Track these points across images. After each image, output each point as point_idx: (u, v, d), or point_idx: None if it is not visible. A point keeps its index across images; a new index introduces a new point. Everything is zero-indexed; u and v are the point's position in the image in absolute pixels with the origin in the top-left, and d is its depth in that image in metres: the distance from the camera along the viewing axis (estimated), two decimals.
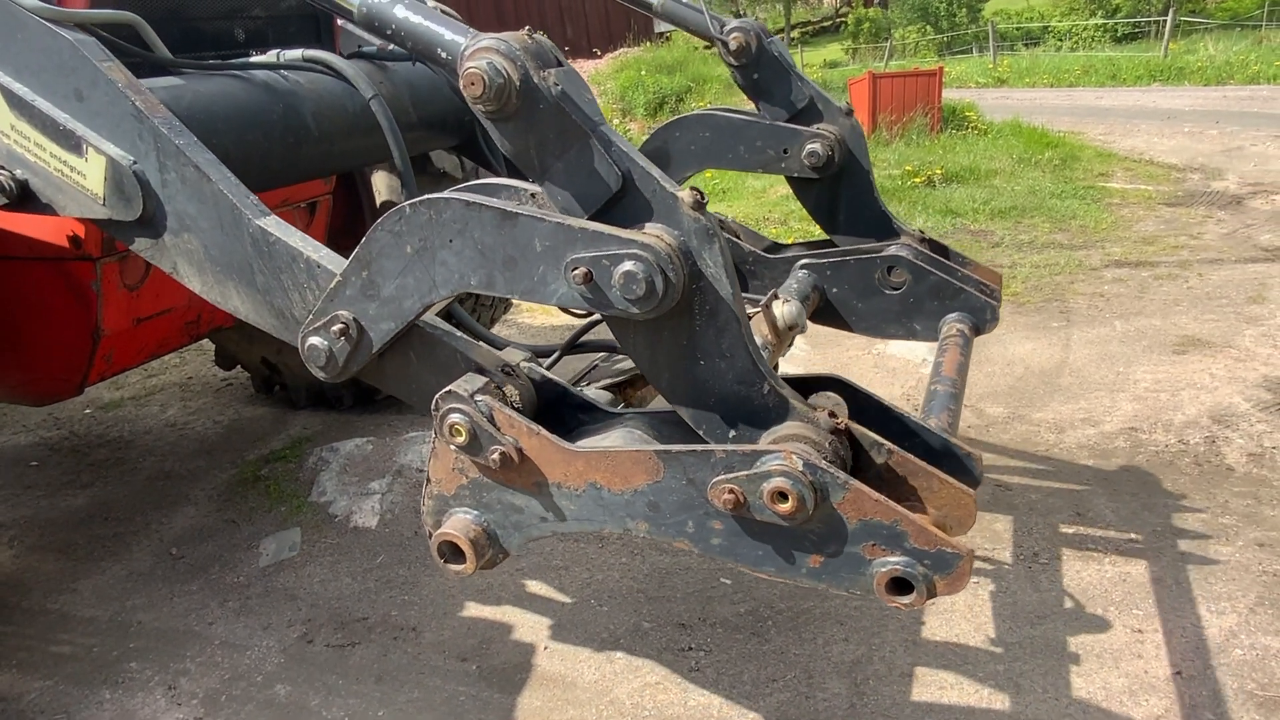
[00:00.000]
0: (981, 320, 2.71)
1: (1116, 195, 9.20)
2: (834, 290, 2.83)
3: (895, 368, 5.12)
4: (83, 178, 1.84)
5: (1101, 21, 29.44)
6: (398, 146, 2.67)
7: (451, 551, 1.66)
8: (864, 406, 1.84)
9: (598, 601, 3.24)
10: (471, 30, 1.50)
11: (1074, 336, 5.43)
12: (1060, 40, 29.48)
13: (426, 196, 1.55)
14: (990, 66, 24.28)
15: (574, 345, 2.63)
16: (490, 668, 2.95)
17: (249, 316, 1.82)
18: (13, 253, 2.84)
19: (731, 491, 1.45)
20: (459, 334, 1.76)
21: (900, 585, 1.44)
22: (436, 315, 1.81)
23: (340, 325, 1.65)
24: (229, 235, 1.76)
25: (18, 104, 1.83)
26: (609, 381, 2.33)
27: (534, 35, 1.48)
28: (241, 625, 3.25)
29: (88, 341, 2.94)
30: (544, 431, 1.56)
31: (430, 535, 1.68)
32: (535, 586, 3.35)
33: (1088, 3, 31.28)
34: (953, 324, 2.70)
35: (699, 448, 1.49)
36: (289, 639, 3.16)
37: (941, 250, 2.95)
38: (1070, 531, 3.48)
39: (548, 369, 1.86)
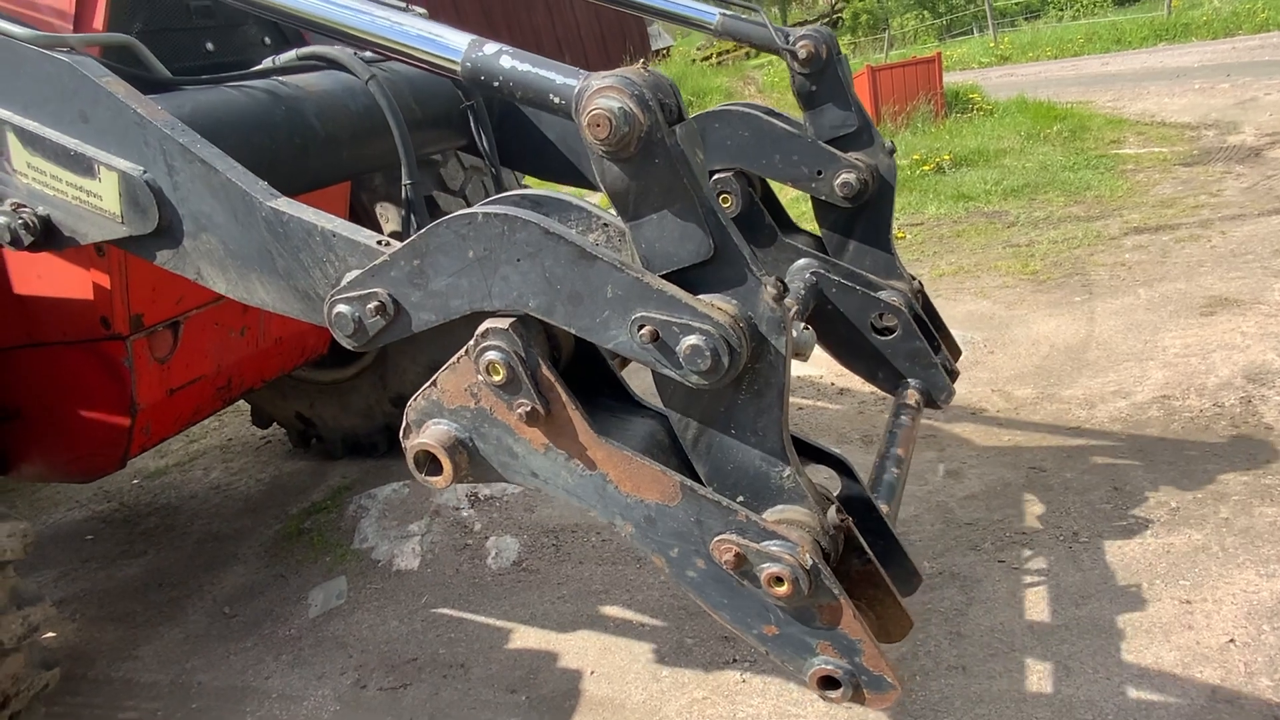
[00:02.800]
0: (935, 397, 2.82)
1: (1130, 161, 9.08)
2: (829, 307, 2.87)
3: None
4: (99, 200, 1.88)
5: None
6: (398, 127, 2.60)
7: (428, 461, 1.65)
8: (853, 494, 2.00)
9: (640, 622, 3.27)
10: (581, 71, 1.48)
11: (1098, 309, 5.37)
12: (1061, 10, 29.16)
13: (502, 209, 1.53)
14: (992, 45, 24.08)
15: None
16: (539, 697, 2.99)
17: (276, 306, 1.83)
18: (48, 339, 2.97)
19: (737, 554, 1.51)
20: None
21: (831, 683, 1.58)
22: None
23: (378, 302, 1.63)
24: (243, 225, 1.77)
25: (30, 140, 1.89)
26: None
27: (651, 70, 1.47)
28: (297, 676, 3.33)
29: (126, 416, 3.06)
30: (580, 409, 1.56)
31: (406, 433, 1.66)
32: (577, 612, 3.39)
33: None
34: (912, 392, 2.81)
35: (724, 501, 1.54)
36: (343, 686, 3.23)
37: (929, 309, 3.04)
38: (1109, 507, 3.44)
39: None
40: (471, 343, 1.56)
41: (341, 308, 1.67)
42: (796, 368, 5.25)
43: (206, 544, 4.49)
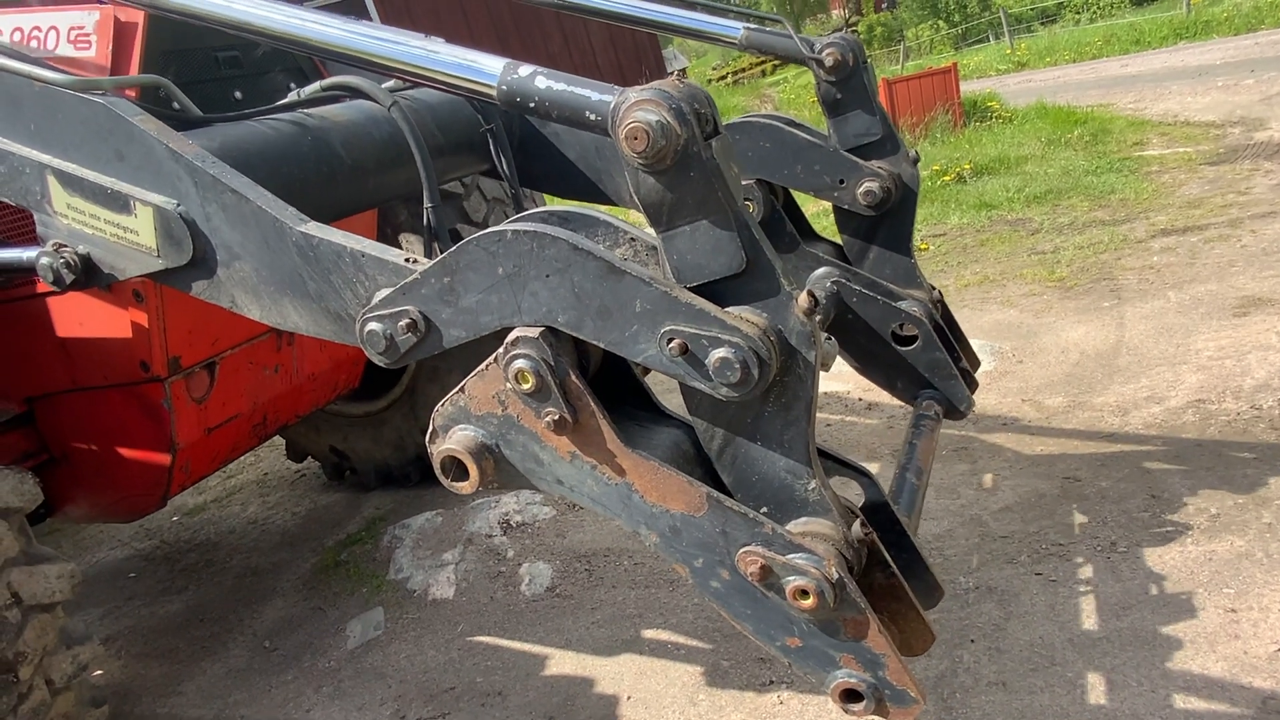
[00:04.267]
0: (954, 410, 2.79)
1: (1155, 162, 8.98)
2: (849, 316, 2.86)
3: None
4: (135, 235, 1.93)
5: None
6: (420, 151, 2.64)
7: (454, 466, 1.65)
8: (875, 506, 1.98)
9: (675, 645, 3.27)
10: (615, 87, 1.50)
11: (1127, 314, 5.31)
12: (1078, 14, 29.01)
13: (530, 226, 1.56)
14: (1009, 52, 24.00)
15: None
16: None
17: (309, 329, 1.86)
18: (89, 383, 3.06)
19: (762, 566, 1.51)
20: None
21: (853, 696, 1.56)
22: None
23: (409, 319, 1.65)
24: (275, 250, 1.81)
25: (69, 182, 1.96)
26: None
27: (686, 82, 1.48)
28: (337, 709, 3.36)
29: (166, 456, 3.13)
30: (608, 419, 1.57)
31: (433, 438, 1.67)
32: (612, 637, 3.40)
33: None
34: (931, 403, 2.77)
35: (750, 513, 1.54)
36: (383, 717, 3.25)
37: (949, 320, 3.01)
38: (1147, 515, 3.39)
39: None
40: (501, 350, 1.57)
41: (373, 325, 1.70)
42: (824, 382, 5.24)
43: (246, 578, 4.56)
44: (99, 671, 3.92)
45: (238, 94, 3.07)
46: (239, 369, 3.31)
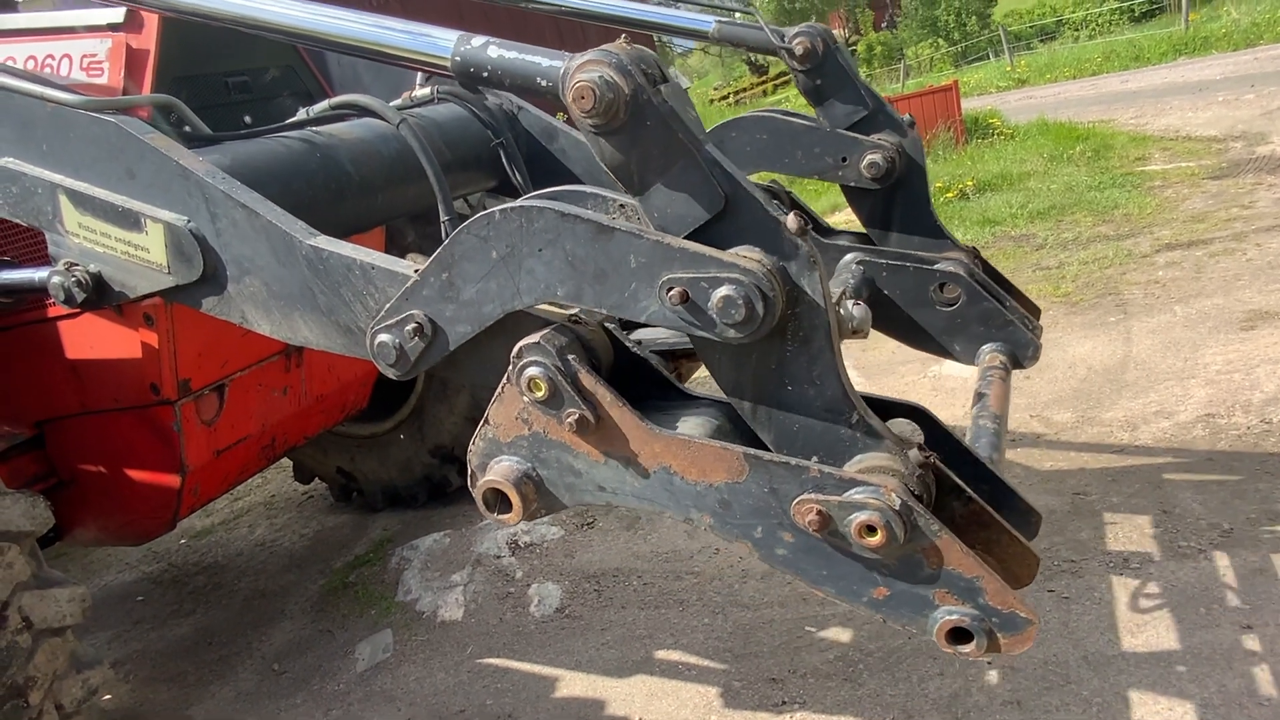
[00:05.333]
0: (1022, 355, 2.65)
1: (1157, 177, 9.01)
2: (885, 292, 2.74)
3: (954, 388, 5.06)
4: (146, 252, 1.93)
5: (1116, 4, 29.12)
6: (432, 166, 2.64)
7: (497, 500, 1.61)
8: (941, 441, 1.81)
9: (686, 666, 3.25)
10: (566, 54, 1.51)
11: (1134, 328, 5.30)
12: (1077, 30, 29.20)
13: (517, 203, 1.55)
14: (1009, 69, 24.14)
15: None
16: None
17: (319, 343, 1.86)
18: (100, 406, 3.07)
19: (820, 512, 1.41)
20: None
21: (961, 635, 1.43)
22: None
23: (415, 324, 1.64)
24: (285, 265, 1.81)
25: (81, 201, 1.96)
26: (663, 347, 2.25)
27: (635, 45, 1.48)
28: None
29: (175, 479, 3.13)
30: (627, 405, 1.52)
31: (473, 479, 1.64)
32: (622, 658, 3.38)
33: None
34: (994, 354, 2.63)
35: (792, 461, 1.46)
36: None
37: (991, 272, 2.89)
38: (1159, 531, 3.37)
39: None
40: (510, 368, 1.56)
41: (383, 337, 1.69)
42: None
43: (254, 601, 4.54)
44: (108, 696, 3.90)
45: (247, 118, 3.11)
46: (248, 391, 3.32)
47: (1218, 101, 12.83)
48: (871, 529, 1.39)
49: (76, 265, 2.05)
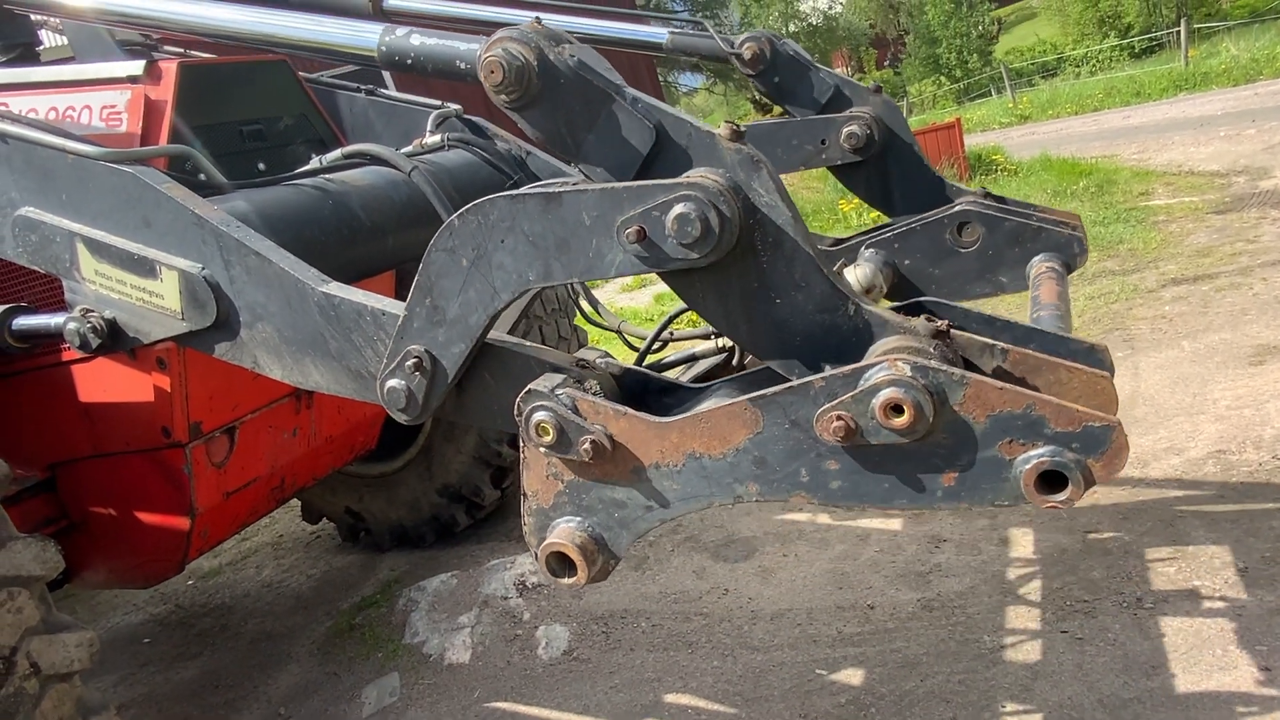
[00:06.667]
0: (1069, 255, 2.48)
1: (1161, 212, 9.04)
2: (906, 262, 2.66)
3: None
4: (160, 299, 1.97)
5: (1116, 42, 29.47)
6: (445, 211, 2.67)
7: (560, 564, 1.58)
8: (965, 322, 1.71)
9: (696, 710, 3.21)
10: (484, 37, 1.54)
11: (1141, 364, 5.29)
12: (1078, 67, 29.53)
13: (469, 206, 1.58)
14: (1011, 105, 24.39)
15: (659, 338, 2.57)
16: None
17: (330, 387, 1.87)
18: (111, 449, 3.09)
19: (840, 418, 1.32)
20: (529, 344, 1.76)
21: (1052, 480, 1.27)
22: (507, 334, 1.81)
23: (413, 360, 1.66)
24: (297, 311, 1.83)
25: (98, 248, 2.00)
26: (698, 371, 2.30)
27: (542, 21, 1.52)
28: None
29: (185, 521, 3.14)
30: (630, 411, 1.50)
31: (536, 553, 1.61)
32: (631, 702, 3.34)
33: (1098, 26, 31.44)
34: (1041, 264, 2.46)
35: (795, 382, 1.39)
36: None
37: (1006, 200, 2.76)
38: (1172, 570, 3.34)
39: (636, 365, 1.81)
40: (521, 428, 1.56)
41: (391, 383, 1.71)
42: None
43: (260, 643, 4.52)
44: None
45: (261, 165, 3.17)
46: (259, 433, 3.34)
47: (1219, 136, 12.91)
48: (897, 409, 1.28)
49: (92, 311, 2.08)
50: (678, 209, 1.38)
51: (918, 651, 3.22)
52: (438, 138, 3.17)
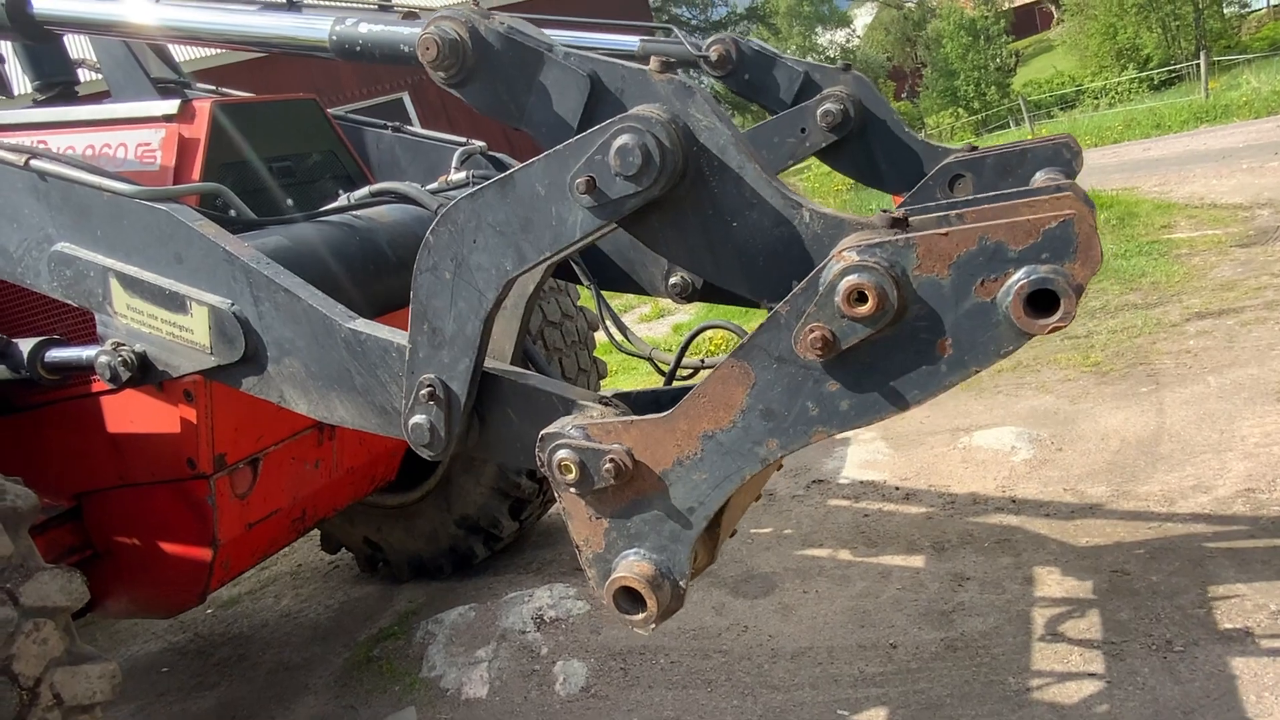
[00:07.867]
0: (1063, 163, 2.44)
1: (1184, 245, 8.98)
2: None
3: (984, 460, 5.00)
4: (190, 334, 2.01)
5: (1135, 74, 29.49)
6: None
7: (629, 600, 1.54)
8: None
9: None
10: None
11: (1166, 399, 5.23)
12: (1096, 99, 29.55)
13: (435, 220, 1.62)
14: (1030, 137, 24.40)
15: (685, 354, 2.57)
16: None
17: (355, 422, 1.90)
18: (137, 479, 3.13)
19: (814, 330, 1.29)
20: (551, 379, 1.78)
21: (1041, 302, 1.21)
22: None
23: (426, 390, 1.68)
24: (324, 347, 1.86)
25: (130, 284, 2.06)
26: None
27: (478, 4, 1.59)
28: None
29: (207, 552, 3.16)
30: (636, 417, 1.51)
31: (604, 600, 1.58)
32: None
33: (1116, 59, 31.49)
34: (1043, 178, 2.41)
35: (764, 321, 1.37)
36: None
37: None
38: (1202, 612, 3.27)
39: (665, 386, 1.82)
40: (550, 480, 1.56)
41: (415, 419, 1.74)
42: (858, 471, 5.19)
43: (278, 674, 4.51)
44: None
45: (290, 200, 3.23)
46: (281, 464, 3.37)
47: (1242, 169, 12.84)
48: (860, 297, 1.25)
49: (123, 345, 2.13)
50: (617, 142, 1.41)
51: (941, 693, 3.16)
52: (463, 174, 3.22)
